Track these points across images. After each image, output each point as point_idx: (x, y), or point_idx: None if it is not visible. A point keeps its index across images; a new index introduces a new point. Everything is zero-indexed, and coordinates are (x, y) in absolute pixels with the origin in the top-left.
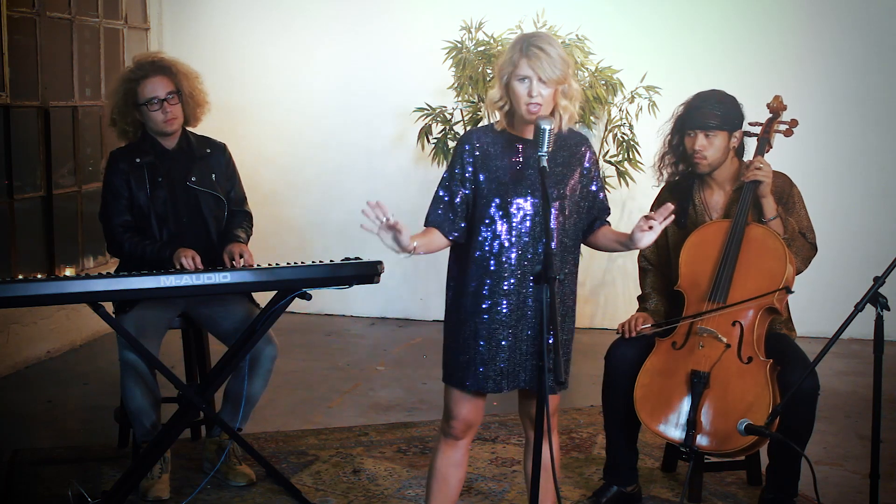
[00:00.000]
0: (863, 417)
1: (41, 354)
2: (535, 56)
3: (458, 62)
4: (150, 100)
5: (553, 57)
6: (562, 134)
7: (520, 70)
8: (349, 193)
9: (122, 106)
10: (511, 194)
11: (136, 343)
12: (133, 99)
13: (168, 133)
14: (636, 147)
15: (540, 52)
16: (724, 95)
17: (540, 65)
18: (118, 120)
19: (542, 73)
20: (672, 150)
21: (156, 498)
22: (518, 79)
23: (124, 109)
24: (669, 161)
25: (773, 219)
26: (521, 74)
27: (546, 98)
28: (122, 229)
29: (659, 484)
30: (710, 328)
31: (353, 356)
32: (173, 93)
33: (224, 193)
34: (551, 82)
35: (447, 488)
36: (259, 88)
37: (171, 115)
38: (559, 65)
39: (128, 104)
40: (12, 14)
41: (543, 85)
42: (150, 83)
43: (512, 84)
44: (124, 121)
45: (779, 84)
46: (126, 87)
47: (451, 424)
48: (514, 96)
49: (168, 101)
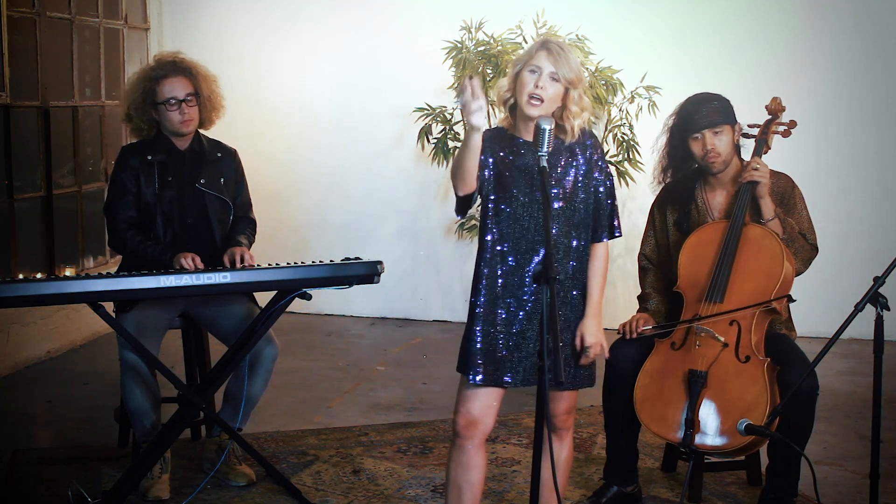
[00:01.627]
0: (863, 417)
1: (41, 354)
2: (556, 52)
3: (458, 62)
4: (169, 100)
5: (571, 60)
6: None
7: (534, 60)
8: (349, 193)
9: (139, 103)
10: (512, 194)
11: (136, 343)
12: (151, 97)
13: (183, 134)
14: (636, 147)
15: (560, 51)
16: (713, 94)
17: (557, 60)
18: (134, 116)
19: (557, 67)
20: (674, 161)
21: (156, 498)
22: (529, 68)
23: (142, 106)
24: (672, 174)
25: (772, 220)
26: (534, 64)
27: (550, 96)
28: (125, 225)
29: (659, 484)
30: (708, 328)
31: (353, 356)
32: (192, 95)
33: (231, 198)
34: (564, 80)
35: (457, 492)
36: (259, 88)
37: (188, 116)
38: (574, 69)
39: (146, 102)
40: (12, 14)
41: (552, 81)
42: (170, 83)
43: (522, 74)
44: (140, 118)
45: (779, 84)
46: (145, 85)
47: (455, 420)
48: (519, 86)
49: (186, 103)
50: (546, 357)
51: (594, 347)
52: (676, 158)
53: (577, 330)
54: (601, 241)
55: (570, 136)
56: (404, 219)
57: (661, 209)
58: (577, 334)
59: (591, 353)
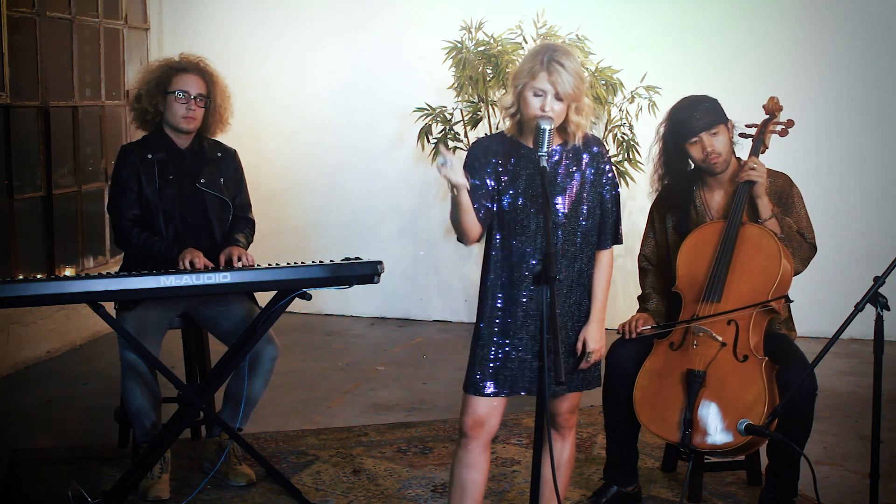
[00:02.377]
0: (863, 417)
1: (41, 354)
2: (556, 72)
3: (458, 62)
4: (179, 91)
5: (571, 74)
6: (575, 146)
7: (537, 83)
8: (349, 194)
9: (152, 87)
10: (516, 199)
11: (136, 343)
12: (165, 85)
13: (182, 130)
14: (636, 147)
15: (561, 69)
16: (701, 96)
17: (560, 80)
18: (143, 97)
19: (559, 88)
20: (670, 168)
21: (156, 498)
22: (533, 91)
23: (154, 90)
24: (668, 181)
25: (769, 219)
26: (539, 88)
27: (557, 113)
28: (130, 223)
29: (659, 484)
30: (706, 327)
31: (353, 356)
32: (203, 96)
33: (230, 198)
34: (567, 98)
35: (460, 491)
36: (259, 88)
37: (193, 114)
38: (576, 82)
39: (159, 87)
40: (12, 14)
41: (558, 101)
42: (188, 77)
43: (525, 94)
44: (149, 101)
45: (779, 83)
46: (163, 72)
47: (462, 420)
48: (525, 106)
49: (195, 101)
50: (546, 357)
51: (595, 353)
52: (672, 165)
53: (580, 334)
54: (606, 248)
55: (573, 139)
56: (404, 219)
57: (660, 212)
58: (580, 338)
59: (591, 358)
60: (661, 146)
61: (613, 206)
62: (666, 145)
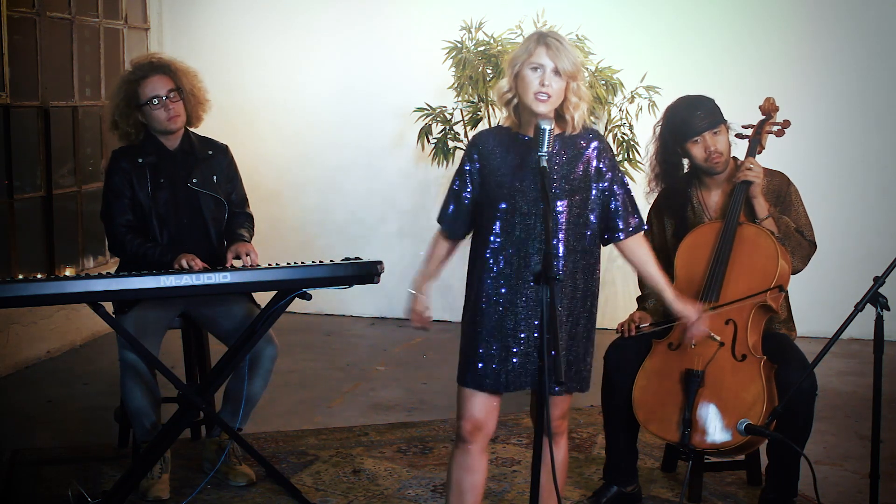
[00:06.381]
0: (863, 417)
1: (41, 354)
2: (554, 46)
3: (458, 62)
4: (152, 99)
5: (570, 52)
6: (574, 136)
7: (534, 58)
8: (349, 193)
9: (123, 108)
10: (514, 194)
11: (136, 343)
12: (135, 100)
13: (172, 131)
14: (636, 147)
15: (558, 44)
16: (700, 96)
17: (557, 54)
18: (120, 122)
19: (558, 62)
20: (667, 167)
21: (156, 498)
22: (531, 67)
23: (126, 111)
24: (665, 181)
25: (766, 218)
26: (536, 62)
27: (556, 91)
28: (124, 229)
29: (659, 484)
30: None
31: (353, 356)
32: (174, 90)
33: (225, 195)
34: (565, 74)
35: (459, 493)
36: (259, 88)
37: (174, 112)
38: (574, 61)
39: (130, 105)
40: (12, 14)
41: (556, 77)
42: (150, 82)
43: (523, 73)
44: (126, 122)
45: (779, 83)
46: (126, 89)
47: (459, 423)
48: (522, 85)
49: (170, 99)
50: (546, 357)
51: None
52: (670, 164)
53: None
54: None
55: (571, 128)
56: (404, 219)
57: (658, 216)
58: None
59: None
60: (658, 145)
61: (626, 193)
62: (664, 144)
